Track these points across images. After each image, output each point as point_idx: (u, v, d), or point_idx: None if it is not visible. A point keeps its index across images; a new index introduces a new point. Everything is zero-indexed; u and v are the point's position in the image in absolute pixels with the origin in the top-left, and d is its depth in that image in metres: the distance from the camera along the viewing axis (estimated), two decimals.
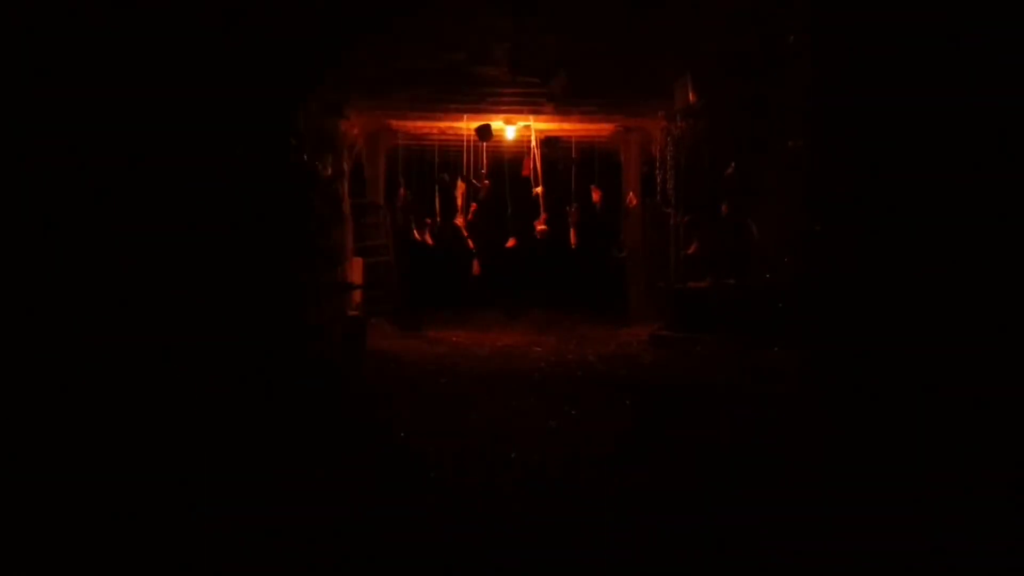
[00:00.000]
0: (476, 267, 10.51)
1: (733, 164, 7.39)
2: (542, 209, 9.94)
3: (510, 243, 10.28)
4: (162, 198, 4.34)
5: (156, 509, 3.36)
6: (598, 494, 3.78)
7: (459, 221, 10.08)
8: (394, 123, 9.90)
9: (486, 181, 9.98)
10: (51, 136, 3.69)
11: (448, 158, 10.55)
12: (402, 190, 10.29)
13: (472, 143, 9.64)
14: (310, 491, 3.74)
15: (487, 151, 9.95)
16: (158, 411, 3.98)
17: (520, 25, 6.34)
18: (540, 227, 10.02)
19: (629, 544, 3.23)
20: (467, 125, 9.31)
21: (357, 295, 9.33)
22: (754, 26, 5.99)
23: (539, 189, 9.76)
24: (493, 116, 9.06)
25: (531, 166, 9.71)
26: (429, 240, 10.34)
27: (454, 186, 10.00)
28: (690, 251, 8.49)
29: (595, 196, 10.18)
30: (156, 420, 3.94)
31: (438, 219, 10.26)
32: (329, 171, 7.92)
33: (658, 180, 9.09)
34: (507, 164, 10.58)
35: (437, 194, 10.20)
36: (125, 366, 3.94)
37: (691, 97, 7.47)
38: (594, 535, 3.32)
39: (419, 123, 9.79)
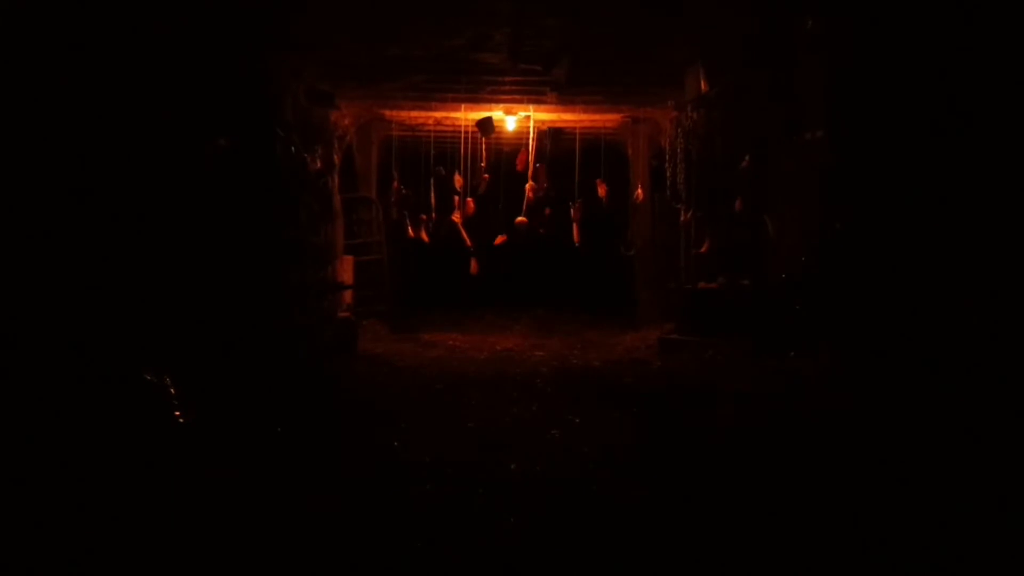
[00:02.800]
0: (474, 266, 10.48)
1: (748, 157, 7.37)
2: (526, 204, 9.85)
3: (499, 240, 10.24)
4: (140, 194, 4.31)
5: (144, 510, 3.36)
6: (603, 507, 3.75)
7: (456, 217, 10.05)
8: (387, 113, 9.87)
9: (485, 175, 9.94)
10: (31, 130, 3.68)
11: (445, 150, 10.52)
12: (396, 184, 10.26)
13: (470, 134, 9.61)
14: (297, 503, 3.71)
15: (486, 143, 9.93)
16: (139, 412, 3.98)
17: (521, 9, 6.31)
18: (518, 220, 9.95)
19: (633, 560, 3.20)
20: (465, 115, 9.28)
21: (348, 295, 9.31)
22: (770, 10, 5.96)
23: (530, 184, 9.71)
24: (492, 106, 9.03)
25: (525, 160, 9.67)
26: (424, 237, 10.31)
27: (451, 180, 9.98)
28: (702, 249, 8.46)
29: (601, 191, 10.15)
30: (138, 421, 3.93)
31: (434, 215, 10.23)
32: (319, 164, 7.91)
33: (668, 174, 9.07)
34: (506, 157, 10.55)
35: (433, 188, 10.17)
36: (106, 366, 3.93)
37: (703, 85, 7.45)
38: (598, 550, 3.29)
39: (414, 113, 9.76)
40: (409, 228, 10.30)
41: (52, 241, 3.80)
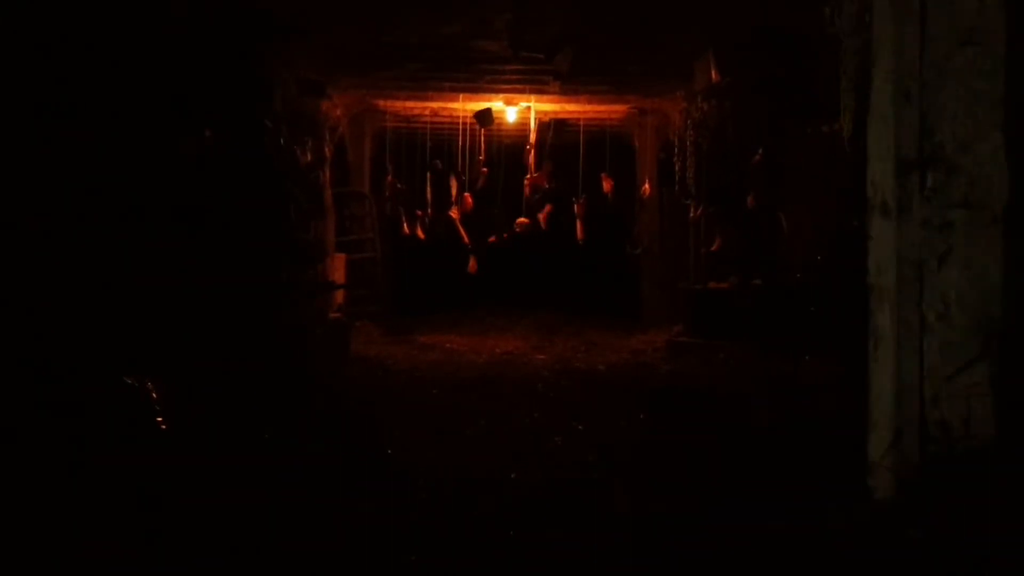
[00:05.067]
0: (473, 265, 10.48)
1: (761, 150, 7.36)
2: (525, 202, 9.91)
3: (493, 238, 10.24)
4: (118, 190, 4.30)
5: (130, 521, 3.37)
6: (607, 519, 3.75)
7: (454, 213, 10.05)
8: (381, 103, 9.87)
9: (484, 169, 9.94)
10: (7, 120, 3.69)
11: (442, 142, 10.51)
12: (390, 178, 10.26)
13: (468, 126, 9.61)
14: (285, 513, 3.70)
15: (485, 135, 9.92)
16: (120, 417, 3.98)
17: None
18: (520, 221, 9.99)
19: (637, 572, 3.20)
20: (463, 106, 9.28)
21: (339, 295, 9.31)
22: None
23: (530, 179, 9.73)
24: (492, 96, 9.03)
25: (532, 153, 9.69)
26: (420, 234, 10.30)
27: (448, 175, 9.98)
28: (712, 248, 8.47)
29: (606, 186, 10.15)
30: (119, 427, 3.93)
31: (430, 211, 10.22)
32: (309, 157, 7.90)
33: (677, 168, 9.07)
34: (506, 150, 10.55)
35: (429, 183, 10.16)
36: (89, 368, 3.93)
37: (714, 75, 7.44)
38: (601, 563, 3.29)
39: (409, 103, 9.76)
40: (404, 224, 10.30)
41: (27, 241, 3.80)
